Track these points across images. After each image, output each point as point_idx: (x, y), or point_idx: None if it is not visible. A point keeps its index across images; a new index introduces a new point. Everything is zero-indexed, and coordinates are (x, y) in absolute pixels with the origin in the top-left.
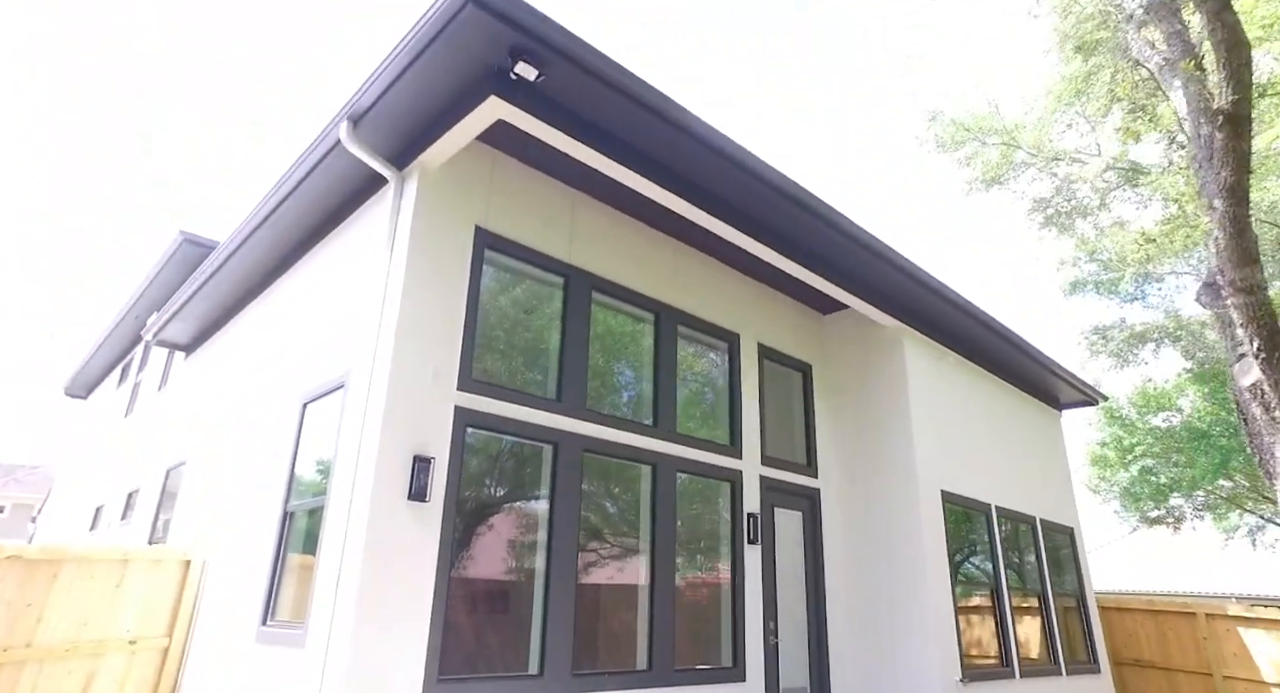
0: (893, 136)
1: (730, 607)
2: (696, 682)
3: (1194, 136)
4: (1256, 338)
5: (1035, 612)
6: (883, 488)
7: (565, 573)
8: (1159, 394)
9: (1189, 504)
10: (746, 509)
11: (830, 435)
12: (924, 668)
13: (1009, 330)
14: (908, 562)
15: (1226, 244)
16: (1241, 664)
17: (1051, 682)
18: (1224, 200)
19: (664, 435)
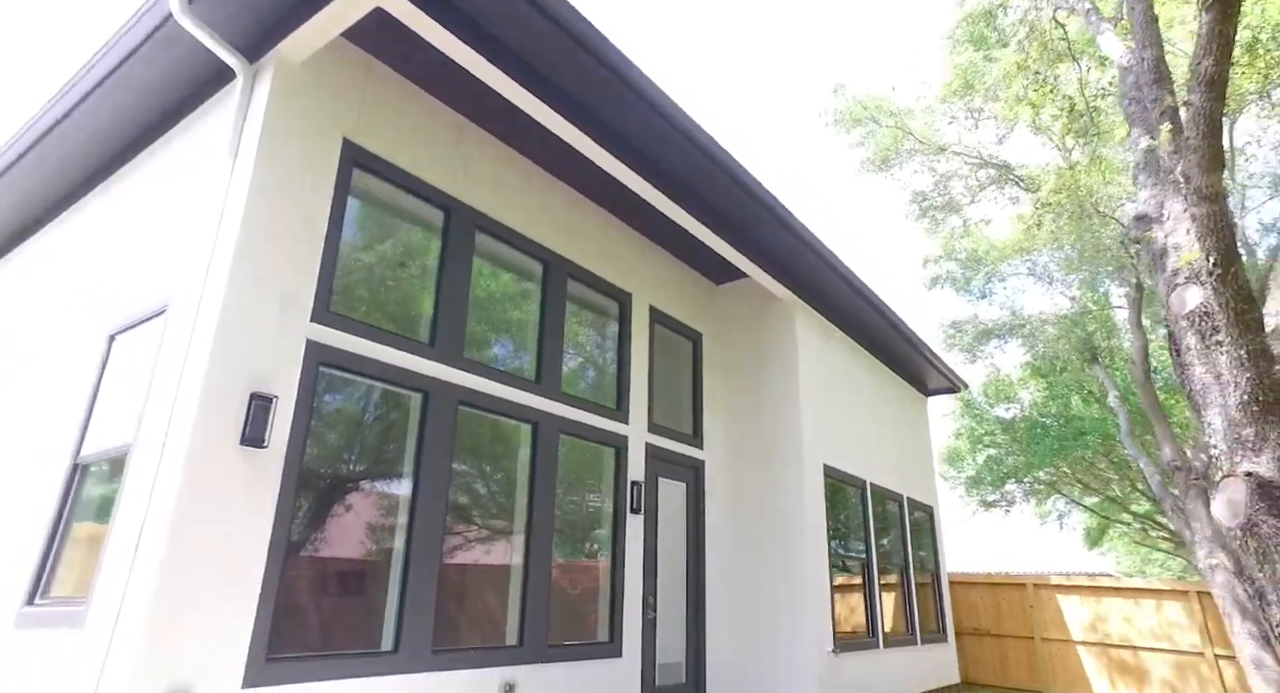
0: (795, 109)
1: (609, 579)
2: (571, 658)
3: (1137, 47)
4: (1214, 253)
5: (898, 585)
6: (768, 461)
7: (430, 539)
8: (1005, 385)
9: (1019, 490)
10: (630, 477)
11: (717, 407)
12: (801, 641)
13: (893, 313)
14: (790, 535)
15: (1198, 145)
16: (1056, 627)
17: (908, 651)
18: (1201, 94)
19: (548, 393)
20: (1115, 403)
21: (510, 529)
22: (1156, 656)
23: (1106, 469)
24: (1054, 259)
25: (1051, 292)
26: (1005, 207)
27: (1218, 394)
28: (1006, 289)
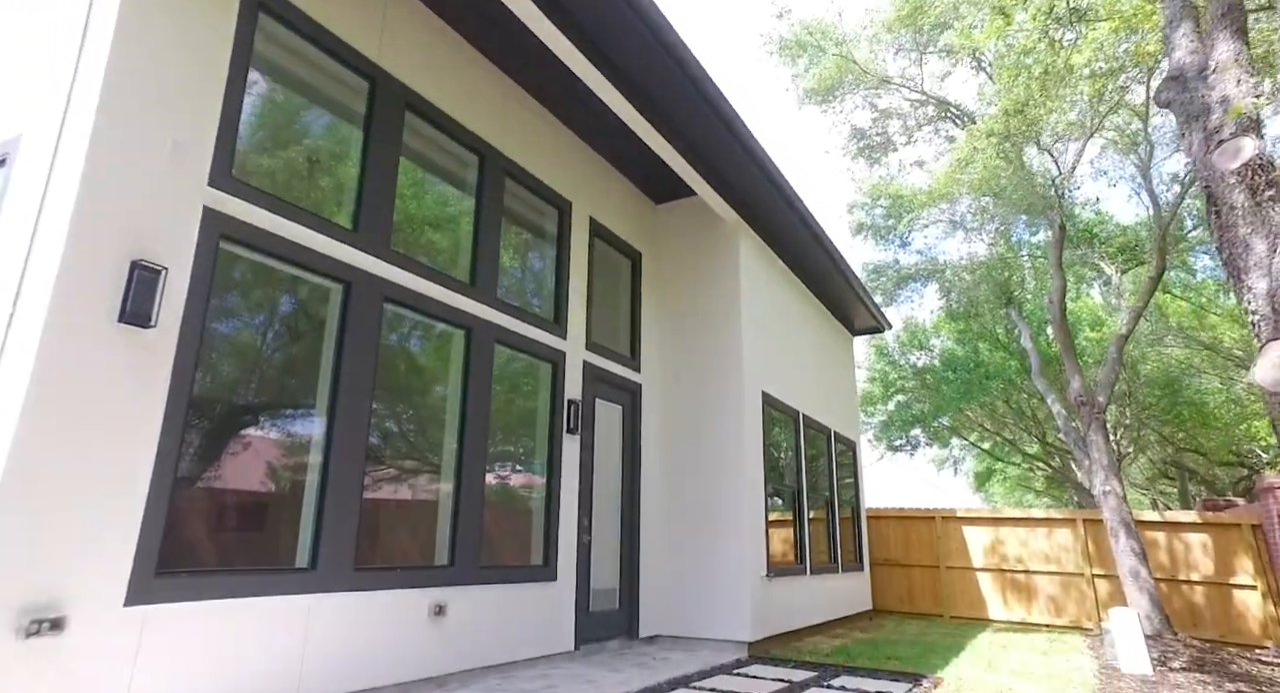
0: (735, 34)
1: (544, 501)
2: (504, 580)
3: None
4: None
5: (823, 516)
6: (707, 386)
7: (352, 449)
8: (919, 332)
9: (924, 435)
10: (568, 395)
11: (656, 329)
12: (737, 565)
13: (834, 246)
14: (728, 461)
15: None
16: (960, 556)
17: (831, 577)
18: None
19: (482, 298)
20: (1028, 343)
21: (441, 444)
22: (1045, 577)
23: (1005, 414)
24: (973, 208)
25: (969, 239)
26: (941, 149)
27: (1265, 253)
28: (926, 237)
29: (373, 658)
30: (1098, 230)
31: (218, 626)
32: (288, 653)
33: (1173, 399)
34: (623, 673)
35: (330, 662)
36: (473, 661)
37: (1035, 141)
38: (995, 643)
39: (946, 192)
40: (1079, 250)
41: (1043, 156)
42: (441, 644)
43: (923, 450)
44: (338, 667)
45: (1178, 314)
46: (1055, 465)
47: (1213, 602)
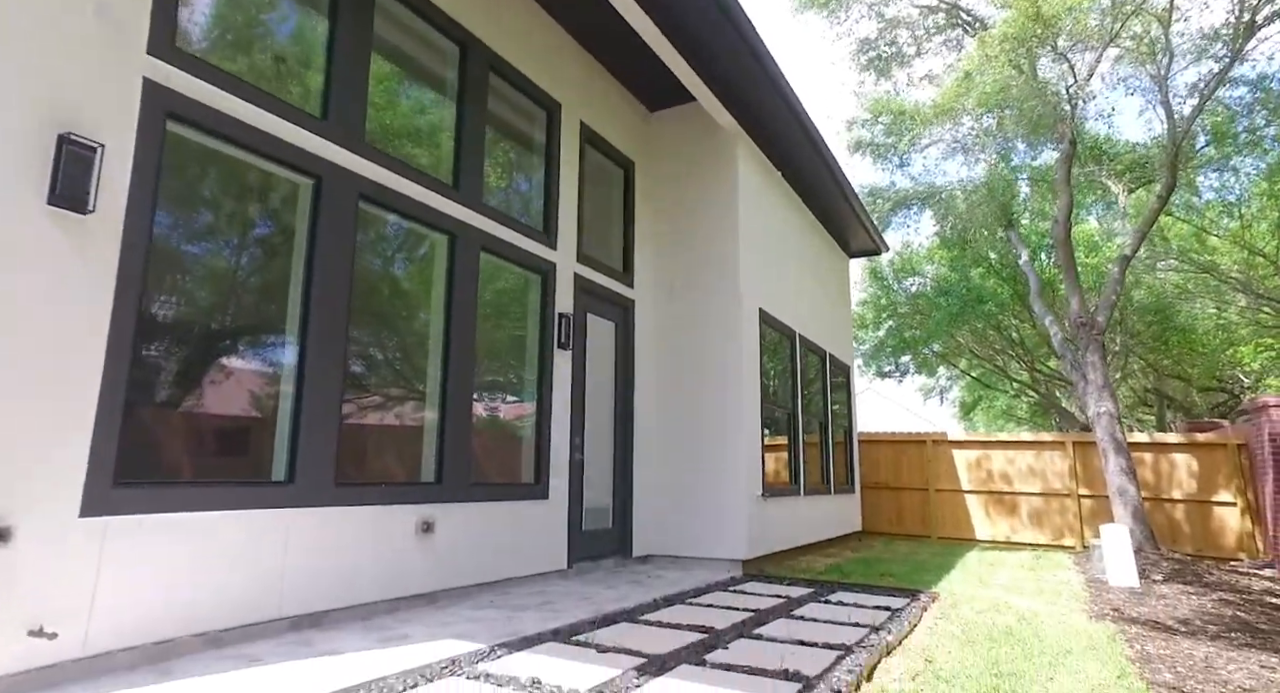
0: None
1: (535, 418)
2: (494, 498)
3: None
4: None
5: (817, 438)
6: (703, 302)
7: (329, 356)
8: (914, 258)
9: (914, 362)
10: (558, 309)
11: (650, 243)
12: (732, 485)
13: (834, 159)
14: (724, 378)
15: None
16: (948, 479)
17: (823, 499)
18: None
19: (467, 201)
20: (1027, 266)
21: (425, 355)
22: (1032, 498)
23: (994, 341)
24: (975, 129)
25: (969, 162)
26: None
27: None
28: (925, 159)
29: (359, 574)
30: (1106, 147)
31: (189, 539)
32: (267, 568)
33: (1163, 325)
34: (618, 590)
35: (314, 577)
36: (465, 578)
37: (1052, 45)
38: (984, 561)
39: (952, 107)
40: (1086, 168)
41: (1055, 66)
42: (431, 561)
43: (910, 379)
44: (322, 583)
45: (1179, 237)
46: (1041, 393)
47: (1193, 518)
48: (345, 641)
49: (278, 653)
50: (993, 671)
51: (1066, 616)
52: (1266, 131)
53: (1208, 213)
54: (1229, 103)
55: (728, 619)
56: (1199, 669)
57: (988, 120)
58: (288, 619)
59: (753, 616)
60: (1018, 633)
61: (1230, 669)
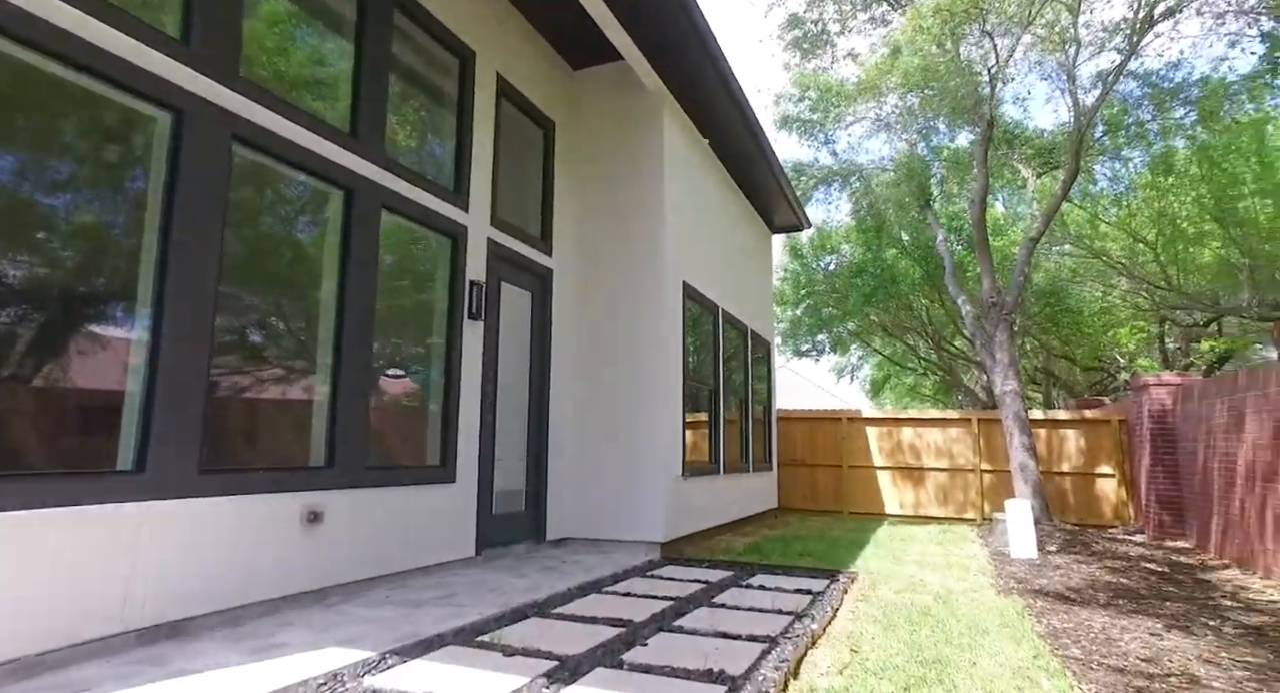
0: None
1: (442, 394)
2: (393, 482)
3: None
4: None
5: (738, 415)
6: (625, 273)
7: (193, 319)
8: (833, 236)
9: (829, 340)
10: (469, 277)
11: (570, 210)
12: (652, 465)
13: (761, 129)
14: (646, 355)
15: None
16: (861, 455)
17: (743, 477)
18: None
19: (367, 154)
20: (942, 246)
21: (318, 324)
22: (938, 473)
23: (905, 320)
24: (900, 107)
25: (892, 140)
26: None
27: None
28: (850, 136)
29: (230, 574)
30: (1018, 132)
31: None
32: (108, 573)
33: (1056, 308)
34: (530, 578)
35: (172, 581)
36: (360, 571)
37: (980, 21)
38: (895, 536)
39: (876, 84)
40: (1000, 151)
41: (977, 48)
42: (320, 554)
43: (826, 357)
44: (184, 586)
45: (1075, 223)
46: (946, 371)
47: (1079, 489)
48: (207, 655)
49: (115, 677)
50: (918, 658)
51: (978, 591)
52: (1151, 126)
53: (1101, 201)
54: (1123, 96)
55: (647, 610)
56: (1101, 643)
57: (911, 99)
58: (136, 633)
59: (673, 605)
60: (936, 613)
61: (1126, 640)
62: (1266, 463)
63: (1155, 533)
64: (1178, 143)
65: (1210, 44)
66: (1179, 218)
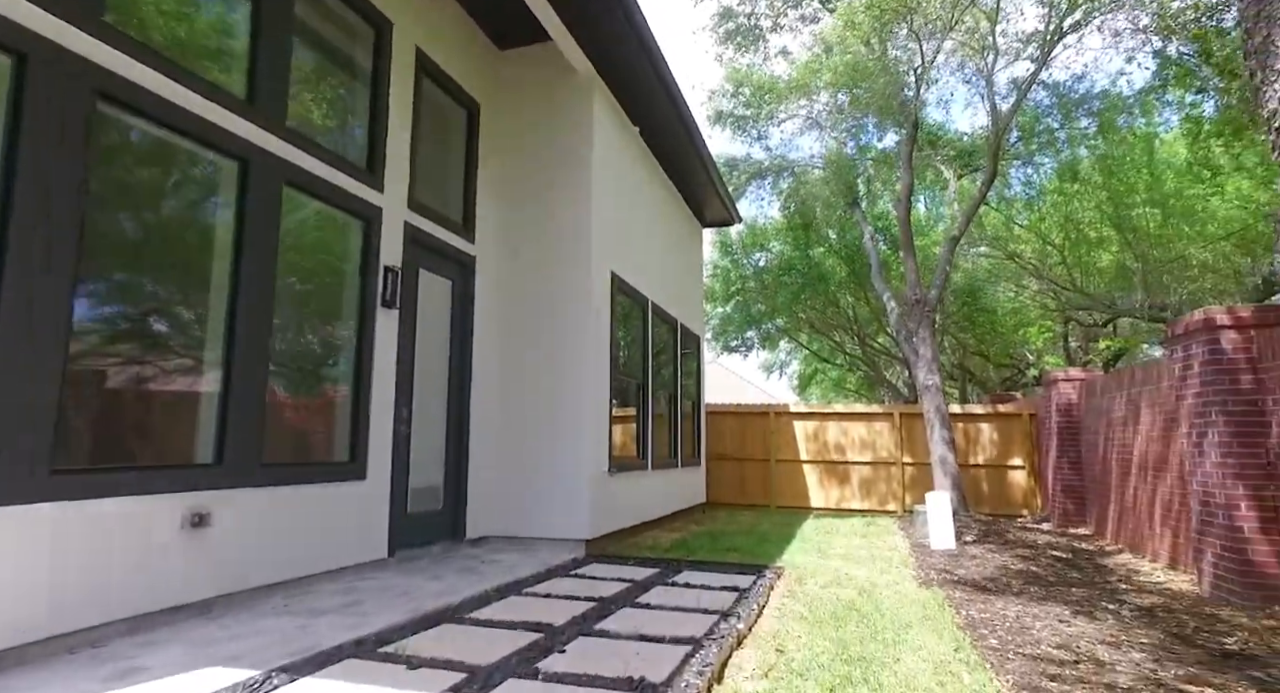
0: None
1: (352, 385)
2: (295, 480)
3: None
4: None
5: (666, 410)
6: (552, 263)
7: (42, 297)
8: (763, 232)
9: (758, 335)
10: (384, 261)
11: (495, 195)
12: (578, 460)
13: (693, 120)
14: (572, 347)
15: None
16: (789, 450)
17: (671, 472)
18: None
19: (266, 123)
20: (869, 243)
21: (208, 307)
22: (862, 467)
23: (832, 316)
24: (830, 106)
25: (823, 138)
26: (806, 41)
27: None
28: (783, 133)
29: (89, 588)
30: (941, 134)
31: None
32: None
33: (973, 306)
34: (445, 581)
35: (10, 601)
36: (253, 578)
37: (908, 21)
38: (821, 529)
39: (807, 83)
40: (923, 152)
41: (904, 50)
42: (205, 562)
43: (755, 353)
44: (26, 608)
45: (992, 225)
46: (870, 367)
47: (992, 481)
48: (48, 687)
49: None
50: (843, 656)
51: (900, 584)
52: (1060, 134)
53: (1015, 204)
54: (1036, 104)
55: (568, 612)
56: (1016, 631)
57: (841, 98)
58: None
59: (595, 606)
60: (860, 608)
61: (1039, 628)
62: (1157, 454)
63: (1060, 521)
64: (1082, 151)
65: (1110, 59)
66: (1082, 223)
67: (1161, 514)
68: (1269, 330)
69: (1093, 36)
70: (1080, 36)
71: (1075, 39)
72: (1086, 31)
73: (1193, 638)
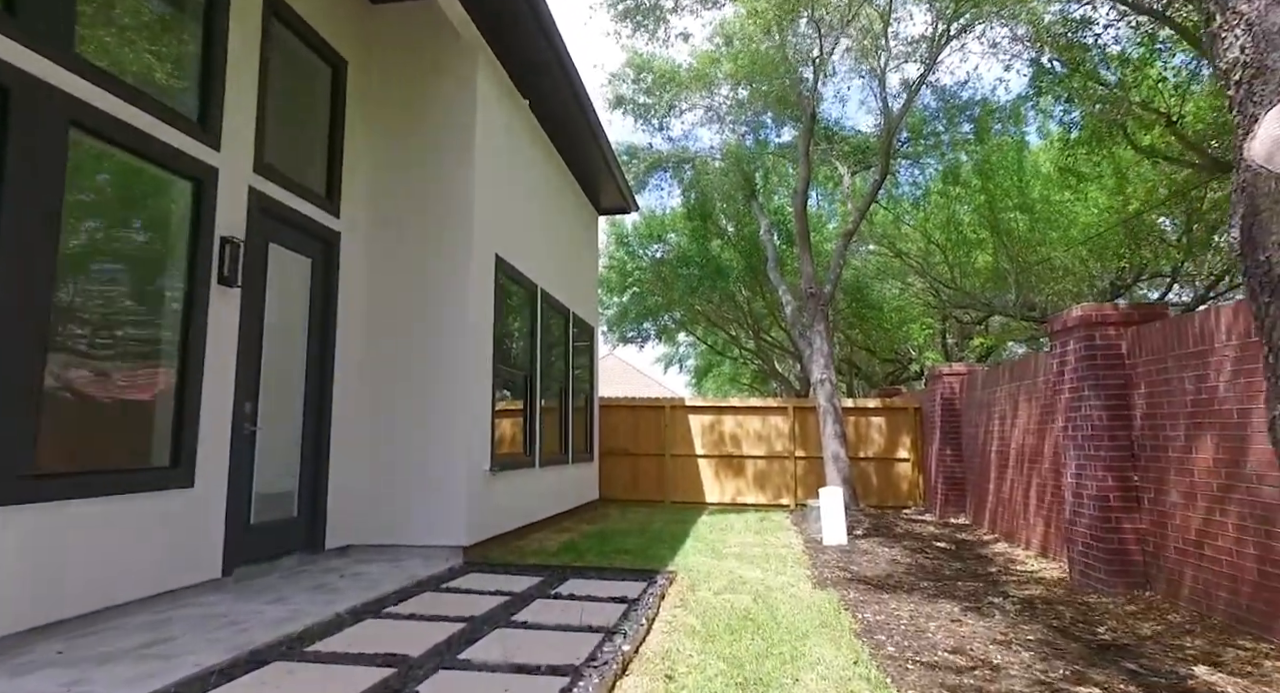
0: None
1: (177, 377)
2: (86, 492)
3: None
4: None
5: (557, 404)
6: (431, 241)
7: None
8: (661, 223)
9: (654, 328)
10: (221, 231)
11: (365, 165)
12: (456, 459)
13: (590, 100)
14: (450, 336)
15: None
16: (684, 444)
17: (561, 469)
18: None
19: (36, 43)
20: (765, 236)
21: None
22: (756, 461)
23: (729, 310)
24: (731, 98)
25: (723, 130)
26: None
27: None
28: (684, 124)
29: None
30: (837, 130)
31: None
32: None
33: (861, 303)
34: (290, 603)
35: None
36: (20, 620)
37: (810, 9)
38: (715, 526)
39: (708, 72)
40: (820, 146)
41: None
42: None
43: (652, 347)
44: None
45: (881, 224)
46: (763, 361)
47: (880, 474)
48: None
49: None
50: (737, 678)
51: (795, 585)
52: (945, 137)
53: (903, 203)
54: (924, 107)
55: (431, 638)
56: (912, 635)
57: (742, 92)
58: None
59: (465, 627)
60: (756, 617)
61: (933, 630)
62: (1032, 447)
63: (942, 512)
64: (963, 156)
65: (990, 67)
66: (962, 224)
67: (1035, 505)
68: (1138, 328)
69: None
70: (964, 43)
71: (959, 46)
72: (970, 38)
73: (1071, 630)
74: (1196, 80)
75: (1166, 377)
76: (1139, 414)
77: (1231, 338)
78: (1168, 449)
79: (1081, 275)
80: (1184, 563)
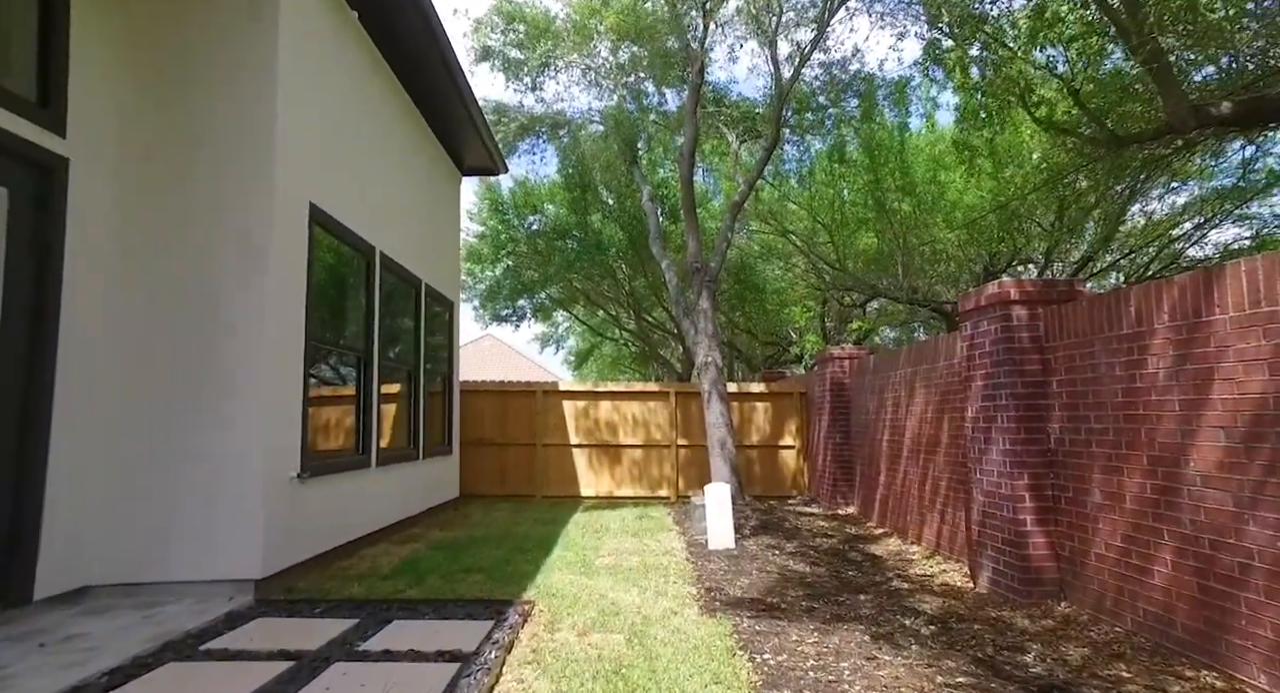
0: None
1: None
2: None
3: None
4: None
5: (404, 390)
6: (210, 178)
7: None
8: (537, 192)
9: (530, 305)
10: None
11: (110, 70)
12: (246, 465)
13: (447, 35)
14: (244, 301)
15: None
16: (557, 432)
17: (409, 466)
18: None
19: None
20: (648, 205)
21: None
22: (635, 450)
23: (610, 288)
24: (611, 61)
25: (604, 95)
26: None
27: None
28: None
29: None
30: (725, 94)
31: None
32: None
33: (744, 284)
34: None
35: None
36: None
37: None
38: (589, 527)
39: (586, 25)
40: (708, 109)
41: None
42: None
43: (529, 326)
44: None
45: (769, 201)
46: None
47: (765, 462)
48: None
49: None
50: None
51: (679, 613)
52: (831, 113)
53: (789, 180)
54: (811, 80)
55: None
56: (824, 688)
57: (625, 53)
58: None
59: None
60: (629, 673)
61: (848, 675)
62: (929, 437)
63: (829, 502)
64: (850, 132)
65: (879, 42)
66: (847, 204)
67: (929, 499)
68: (1058, 307)
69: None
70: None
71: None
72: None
73: (997, 662)
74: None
75: (1093, 362)
76: (1058, 405)
77: (1176, 318)
78: (1091, 444)
79: (960, 260)
80: (1105, 572)
